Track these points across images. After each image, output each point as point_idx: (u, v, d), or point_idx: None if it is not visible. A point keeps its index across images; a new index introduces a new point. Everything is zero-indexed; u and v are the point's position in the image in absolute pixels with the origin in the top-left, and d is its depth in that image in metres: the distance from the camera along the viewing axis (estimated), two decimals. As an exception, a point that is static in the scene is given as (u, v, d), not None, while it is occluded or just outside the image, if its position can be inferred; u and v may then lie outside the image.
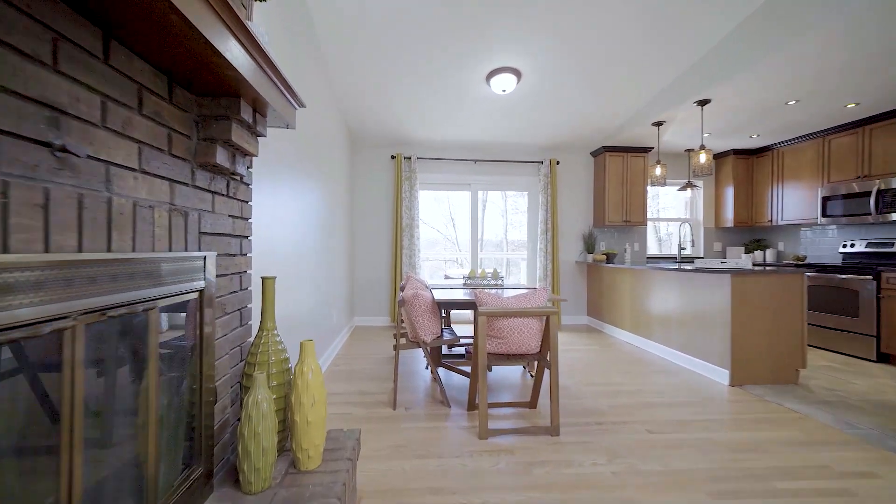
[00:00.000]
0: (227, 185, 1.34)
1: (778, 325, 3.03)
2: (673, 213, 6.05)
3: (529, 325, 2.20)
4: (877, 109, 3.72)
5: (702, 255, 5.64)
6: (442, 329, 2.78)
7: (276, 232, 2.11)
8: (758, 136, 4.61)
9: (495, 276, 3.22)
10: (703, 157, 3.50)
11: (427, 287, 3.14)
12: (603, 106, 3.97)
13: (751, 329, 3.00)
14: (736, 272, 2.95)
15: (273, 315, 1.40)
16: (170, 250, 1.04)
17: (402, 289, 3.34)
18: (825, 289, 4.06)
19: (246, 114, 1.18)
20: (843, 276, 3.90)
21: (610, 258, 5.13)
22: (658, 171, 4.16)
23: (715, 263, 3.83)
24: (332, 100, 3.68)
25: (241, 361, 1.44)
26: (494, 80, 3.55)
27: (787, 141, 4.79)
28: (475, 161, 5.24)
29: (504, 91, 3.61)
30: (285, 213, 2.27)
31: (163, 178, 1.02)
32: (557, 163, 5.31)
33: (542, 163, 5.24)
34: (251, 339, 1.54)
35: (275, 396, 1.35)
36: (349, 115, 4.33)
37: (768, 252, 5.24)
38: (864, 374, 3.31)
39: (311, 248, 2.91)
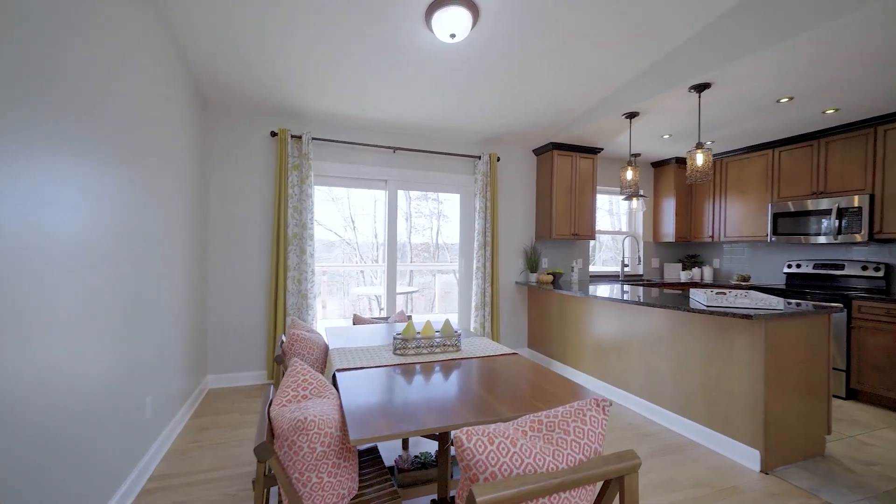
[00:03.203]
0: None
1: (808, 381, 2.33)
2: (602, 226, 5.50)
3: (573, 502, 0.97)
4: (847, 119, 3.39)
5: (641, 274, 5.14)
6: (357, 477, 1.38)
7: None
8: (712, 142, 4.16)
9: (447, 333, 1.92)
10: (700, 159, 2.71)
11: (328, 374, 1.71)
12: (584, 74, 2.91)
13: (782, 390, 2.24)
14: (771, 315, 2.14)
15: None
16: None
17: (279, 361, 1.83)
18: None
19: None
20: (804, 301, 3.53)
21: (556, 278, 4.25)
22: (629, 174, 3.33)
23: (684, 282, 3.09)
24: (159, 34, 1.97)
25: None
26: (439, 17, 2.27)
27: (732, 152, 4.45)
28: (394, 150, 3.87)
29: (453, 37, 2.35)
30: None
31: None
32: (498, 159, 4.24)
33: (479, 158, 4.10)
34: None
35: None
36: (200, 63, 2.60)
37: (705, 270, 4.93)
38: (860, 423, 2.84)
39: (79, 278, 1.25)
